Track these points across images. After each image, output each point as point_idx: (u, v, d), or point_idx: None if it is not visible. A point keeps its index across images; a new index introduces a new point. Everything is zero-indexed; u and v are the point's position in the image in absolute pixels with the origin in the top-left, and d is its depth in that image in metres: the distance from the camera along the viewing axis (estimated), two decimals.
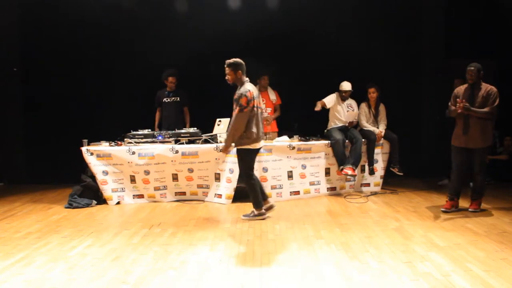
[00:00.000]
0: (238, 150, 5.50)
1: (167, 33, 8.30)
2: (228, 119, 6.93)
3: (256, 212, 5.62)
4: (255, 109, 5.40)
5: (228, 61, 5.41)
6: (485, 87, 5.65)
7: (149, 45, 8.25)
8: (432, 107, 8.58)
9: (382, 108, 7.54)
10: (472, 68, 5.64)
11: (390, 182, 7.72)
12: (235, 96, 5.36)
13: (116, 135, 6.97)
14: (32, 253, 4.40)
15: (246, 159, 5.51)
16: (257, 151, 5.60)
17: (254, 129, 5.37)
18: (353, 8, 8.34)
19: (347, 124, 7.34)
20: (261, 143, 5.61)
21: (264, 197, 5.78)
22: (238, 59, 5.45)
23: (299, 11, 8.34)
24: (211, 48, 8.30)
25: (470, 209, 5.84)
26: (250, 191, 5.60)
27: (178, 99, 7.71)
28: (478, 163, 5.75)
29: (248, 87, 5.39)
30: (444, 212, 5.81)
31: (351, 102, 7.45)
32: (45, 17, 8.37)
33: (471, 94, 5.68)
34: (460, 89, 5.83)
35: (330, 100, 7.32)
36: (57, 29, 8.35)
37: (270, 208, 5.72)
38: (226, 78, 5.43)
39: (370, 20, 8.36)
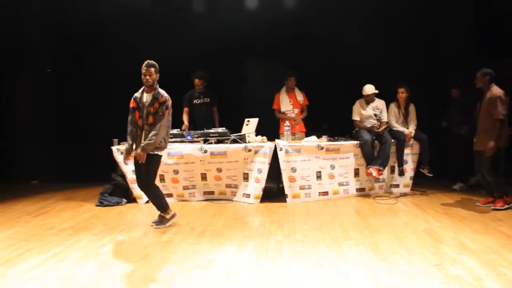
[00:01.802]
0: (151, 156, 5.13)
1: (198, 35, 8.39)
2: (257, 119, 6.98)
3: (167, 216, 5.39)
4: None
5: (150, 62, 5.14)
6: (491, 92, 5.86)
7: (177, 46, 8.33)
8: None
9: (412, 108, 7.44)
10: (478, 73, 5.97)
11: (420, 183, 7.60)
12: (161, 100, 5.10)
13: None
14: (65, 250, 4.51)
15: (156, 165, 5.29)
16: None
17: (167, 136, 5.31)
18: (379, 7, 8.28)
19: (378, 129, 7.23)
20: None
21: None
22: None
23: (326, 10, 8.32)
24: (241, 48, 8.36)
25: (493, 207, 5.98)
26: (154, 199, 5.38)
27: (208, 100, 7.76)
28: (485, 165, 5.97)
29: (163, 91, 5.24)
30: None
31: (377, 103, 7.37)
32: (75, 19, 8.56)
33: (480, 98, 6.07)
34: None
35: (356, 113, 7.38)
36: (87, 29, 8.53)
37: (174, 216, 5.48)
38: (146, 78, 5.09)
39: (398, 19, 8.29)
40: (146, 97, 5.16)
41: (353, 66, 8.24)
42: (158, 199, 5.38)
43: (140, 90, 5.24)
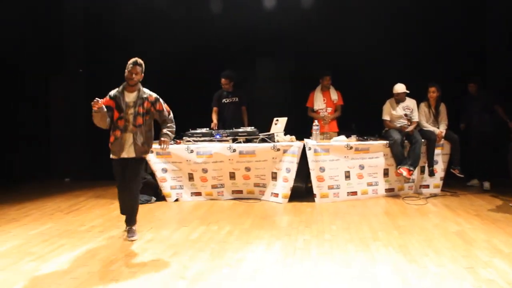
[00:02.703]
0: (144, 160, 5.03)
1: (224, 34, 8.46)
2: (286, 118, 6.97)
3: (134, 228, 4.99)
4: None
5: (139, 60, 4.81)
6: None
7: (207, 47, 8.41)
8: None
9: (442, 107, 7.33)
10: None
11: (451, 184, 7.48)
12: (151, 99, 4.86)
13: (175, 134, 7.11)
14: (96, 246, 4.59)
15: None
16: None
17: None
18: (409, 5, 8.17)
19: (408, 129, 7.14)
20: None
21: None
22: None
23: (356, 10, 8.27)
24: (268, 48, 8.37)
25: None
26: (136, 207, 5.04)
27: (237, 99, 7.78)
28: None
29: (147, 89, 4.97)
30: None
31: (408, 103, 7.27)
32: (106, 19, 8.73)
33: None
34: None
35: (386, 113, 7.33)
36: (116, 30, 8.70)
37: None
38: (132, 77, 4.74)
39: (429, 17, 8.19)
40: (129, 97, 4.82)
41: (382, 65, 8.16)
42: (137, 208, 5.05)
43: (119, 89, 4.87)
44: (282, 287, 3.51)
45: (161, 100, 4.95)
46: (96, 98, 4.53)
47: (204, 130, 7.06)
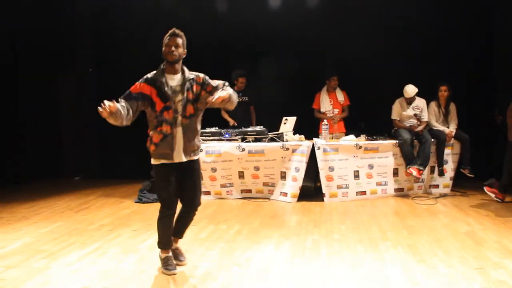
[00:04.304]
0: (198, 160, 3.96)
1: (230, 33, 8.49)
2: (295, 117, 6.97)
3: (163, 256, 3.97)
4: None
5: (177, 31, 3.83)
6: None
7: (215, 46, 8.42)
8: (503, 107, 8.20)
9: (452, 107, 7.28)
10: None
11: (461, 184, 7.43)
12: (198, 80, 3.83)
13: None
14: (105, 244, 4.63)
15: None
16: None
17: None
18: (417, 3, 8.15)
19: (417, 128, 7.11)
20: None
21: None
22: None
23: (365, 9, 8.25)
24: (273, 47, 8.39)
25: None
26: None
27: (246, 98, 7.79)
28: None
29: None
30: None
31: (418, 103, 7.21)
32: (115, 19, 8.78)
33: None
34: None
35: (395, 113, 7.28)
36: (124, 29, 8.76)
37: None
38: (172, 50, 3.71)
39: (438, 15, 8.15)
40: (173, 80, 3.78)
41: (390, 64, 8.13)
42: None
43: (159, 71, 3.80)
44: (291, 286, 3.51)
45: (207, 77, 3.91)
46: (104, 102, 3.39)
47: (213, 129, 7.07)
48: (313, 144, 6.62)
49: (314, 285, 3.52)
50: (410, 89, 7.06)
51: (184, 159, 3.76)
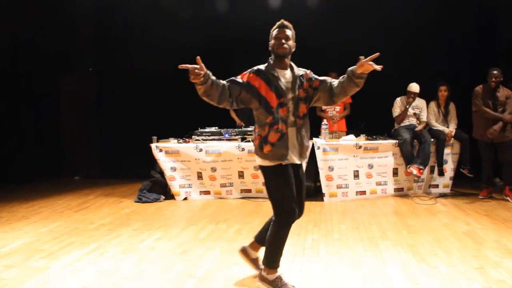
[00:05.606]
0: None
1: (232, 31, 8.48)
2: None
3: (270, 278, 3.46)
4: None
5: (285, 22, 3.45)
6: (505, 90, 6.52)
7: (216, 45, 8.41)
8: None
9: (452, 107, 7.28)
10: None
11: (460, 184, 7.43)
12: (307, 76, 3.52)
13: (184, 133, 7.14)
14: (105, 244, 4.63)
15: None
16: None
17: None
18: (418, 3, 8.15)
19: (417, 128, 7.10)
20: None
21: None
22: None
23: (365, 9, 8.24)
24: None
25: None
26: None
27: None
28: None
29: None
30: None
31: (418, 103, 7.22)
32: (116, 18, 8.78)
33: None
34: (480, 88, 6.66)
35: (397, 108, 7.27)
36: (125, 28, 8.76)
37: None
38: (282, 43, 3.37)
39: (438, 15, 8.14)
40: (284, 76, 3.42)
41: (393, 63, 8.11)
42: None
43: (269, 65, 3.46)
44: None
45: (312, 73, 3.58)
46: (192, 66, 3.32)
47: (213, 129, 7.08)
48: (313, 144, 6.62)
49: (314, 285, 3.52)
50: (415, 86, 7.11)
51: (298, 161, 3.46)
